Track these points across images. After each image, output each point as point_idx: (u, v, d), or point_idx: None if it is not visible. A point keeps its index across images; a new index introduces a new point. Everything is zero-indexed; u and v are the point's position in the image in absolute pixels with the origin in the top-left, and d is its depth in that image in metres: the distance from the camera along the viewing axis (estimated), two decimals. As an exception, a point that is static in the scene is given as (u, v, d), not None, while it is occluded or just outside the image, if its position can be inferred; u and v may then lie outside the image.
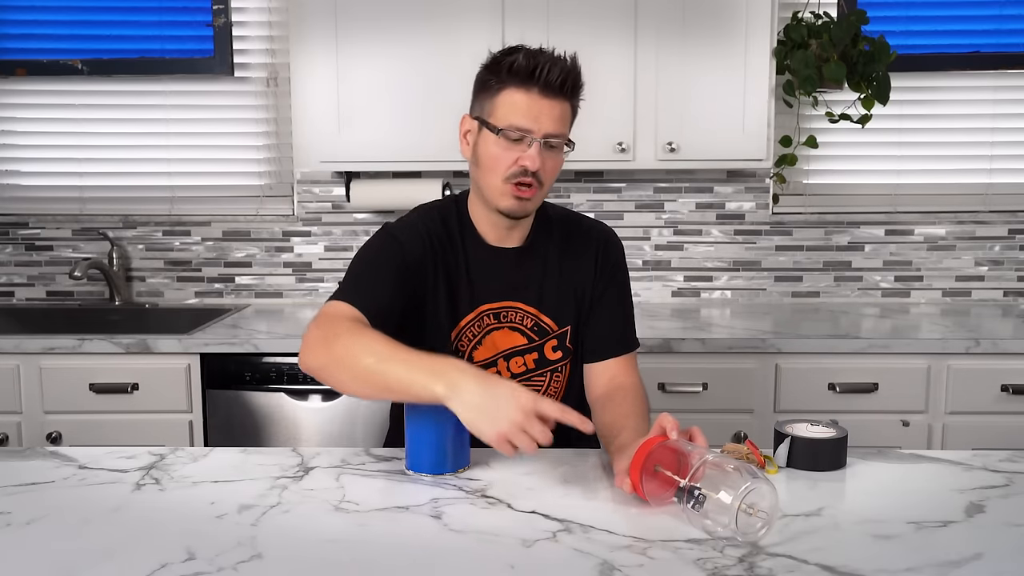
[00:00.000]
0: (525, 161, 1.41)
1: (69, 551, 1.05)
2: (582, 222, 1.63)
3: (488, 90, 1.44)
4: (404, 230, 1.51)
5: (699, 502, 1.04)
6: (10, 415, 2.33)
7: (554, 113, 1.41)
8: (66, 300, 2.94)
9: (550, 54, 1.41)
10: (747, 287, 2.89)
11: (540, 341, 1.55)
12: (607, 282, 1.58)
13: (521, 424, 1.13)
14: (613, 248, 1.61)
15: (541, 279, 1.55)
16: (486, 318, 1.53)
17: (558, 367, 1.56)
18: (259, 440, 2.33)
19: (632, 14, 2.43)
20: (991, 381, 2.29)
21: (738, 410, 2.31)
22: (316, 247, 2.90)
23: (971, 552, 1.03)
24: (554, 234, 1.58)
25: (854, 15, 2.57)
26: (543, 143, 1.41)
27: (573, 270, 1.57)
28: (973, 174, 2.86)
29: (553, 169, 1.46)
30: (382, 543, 1.07)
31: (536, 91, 1.39)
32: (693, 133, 2.47)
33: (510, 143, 1.42)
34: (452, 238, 1.53)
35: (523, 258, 1.55)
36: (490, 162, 1.44)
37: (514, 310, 1.54)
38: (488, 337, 1.53)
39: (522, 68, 1.39)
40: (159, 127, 2.90)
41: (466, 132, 1.50)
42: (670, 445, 1.17)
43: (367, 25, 2.45)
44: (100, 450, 1.40)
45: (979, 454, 1.38)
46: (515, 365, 1.55)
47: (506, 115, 1.41)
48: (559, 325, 1.55)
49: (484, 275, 1.53)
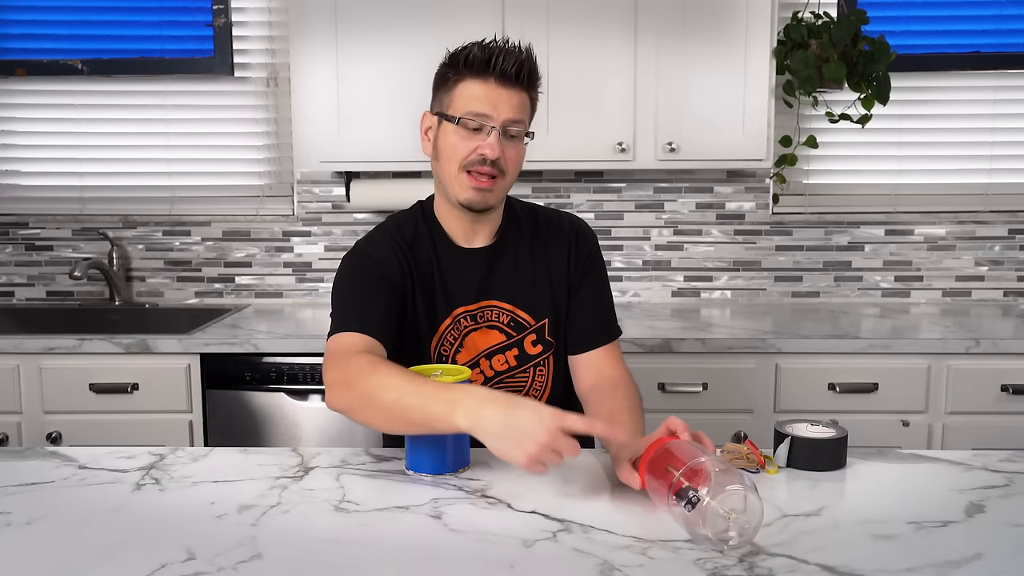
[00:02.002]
0: (484, 149, 1.42)
1: (69, 551, 1.04)
2: (551, 215, 1.63)
3: (446, 83, 1.46)
4: (374, 246, 1.52)
5: (691, 503, 1.03)
6: (10, 415, 2.33)
7: (512, 101, 1.43)
8: (66, 300, 2.94)
9: (504, 45, 1.43)
10: (747, 287, 2.89)
11: (518, 336, 1.55)
12: (583, 272, 1.58)
13: (549, 444, 1.11)
14: (585, 238, 1.61)
15: (513, 275, 1.55)
16: (463, 320, 1.53)
17: (540, 362, 1.56)
18: (259, 440, 2.33)
19: (632, 14, 2.43)
20: (991, 381, 2.29)
21: (738, 410, 2.31)
22: (316, 247, 2.90)
23: (971, 552, 1.03)
24: (523, 229, 1.58)
25: (854, 15, 2.57)
26: (502, 131, 1.42)
27: (545, 262, 1.57)
28: (973, 174, 2.87)
29: (514, 159, 1.46)
30: (382, 543, 1.07)
31: (493, 80, 1.41)
32: (693, 133, 2.47)
33: (469, 132, 1.43)
34: (422, 245, 1.53)
35: (494, 256, 1.55)
36: (449, 151, 1.45)
37: (489, 309, 1.54)
38: (468, 339, 1.53)
39: (478, 59, 1.41)
40: (159, 127, 2.90)
41: (427, 129, 1.51)
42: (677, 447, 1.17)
43: (367, 25, 2.46)
44: (100, 450, 1.40)
45: (979, 454, 1.37)
46: (497, 363, 1.55)
47: (464, 104, 1.43)
48: (536, 319, 1.55)
49: (457, 278, 1.53)
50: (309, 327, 2.54)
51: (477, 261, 1.54)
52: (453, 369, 1.34)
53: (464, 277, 1.53)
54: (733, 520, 1.01)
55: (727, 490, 1.02)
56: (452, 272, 1.54)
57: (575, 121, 2.46)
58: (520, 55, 1.43)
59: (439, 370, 1.33)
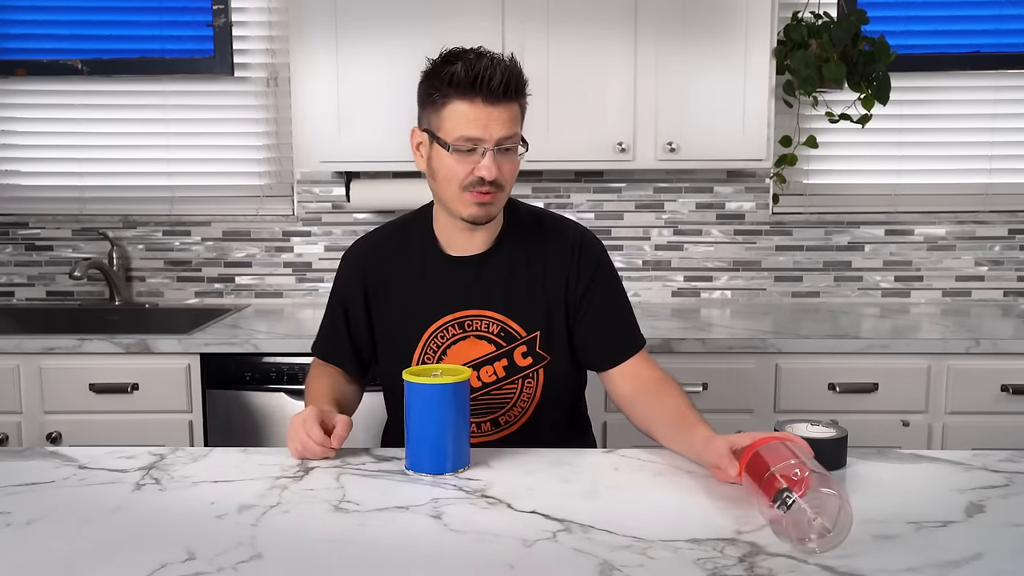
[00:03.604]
0: (481, 172, 1.40)
1: (69, 551, 1.04)
2: (555, 222, 1.59)
3: (433, 104, 1.43)
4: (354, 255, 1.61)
5: (786, 505, 1.02)
6: (10, 415, 2.33)
7: (503, 117, 1.40)
8: (66, 300, 2.94)
9: (488, 59, 1.39)
10: (747, 287, 2.89)
11: (508, 347, 1.52)
12: (589, 283, 1.54)
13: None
14: (590, 247, 1.56)
15: (507, 283, 1.52)
16: (450, 328, 1.51)
17: (529, 373, 1.53)
18: (259, 440, 2.33)
19: (632, 14, 2.43)
20: (991, 381, 2.29)
21: (738, 410, 2.31)
22: (316, 247, 2.90)
23: (971, 552, 1.03)
24: (523, 235, 1.55)
25: (854, 15, 2.57)
26: (496, 150, 1.40)
27: (543, 272, 1.53)
28: (973, 174, 2.86)
29: (510, 171, 1.45)
30: (382, 543, 1.07)
31: (480, 100, 1.38)
32: (693, 133, 2.47)
33: (463, 155, 1.41)
34: (411, 251, 1.55)
35: (487, 264, 1.53)
36: (446, 173, 1.44)
37: (479, 318, 1.51)
38: (453, 348, 1.51)
39: (462, 79, 1.37)
40: (159, 127, 2.90)
41: (418, 144, 1.49)
42: (779, 448, 1.14)
43: (367, 25, 2.45)
44: (100, 450, 1.40)
45: (979, 454, 1.37)
46: (485, 375, 1.52)
47: (454, 127, 1.40)
48: (527, 331, 1.52)
49: (443, 286, 1.52)
50: (309, 327, 2.53)
51: (467, 269, 1.52)
52: (452, 368, 1.34)
53: (452, 285, 1.52)
54: (817, 524, 1.01)
55: (822, 494, 1.01)
56: (439, 280, 1.52)
57: (575, 121, 2.45)
58: (505, 67, 1.39)
59: (439, 370, 1.33)
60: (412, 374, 1.30)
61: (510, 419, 1.55)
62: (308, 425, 1.35)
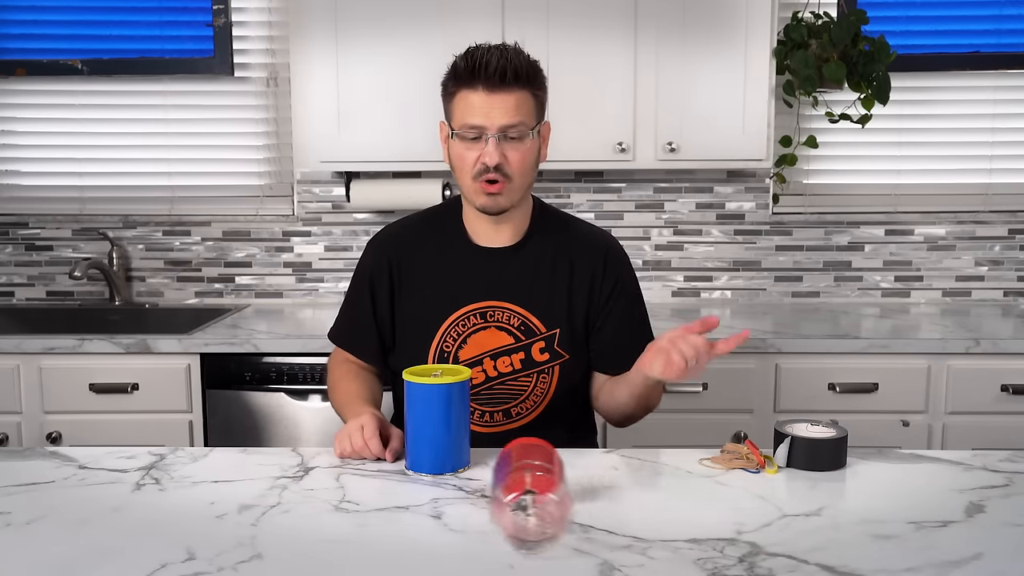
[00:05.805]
0: (484, 158, 1.44)
1: (69, 551, 1.05)
2: (584, 228, 1.64)
3: (447, 96, 1.50)
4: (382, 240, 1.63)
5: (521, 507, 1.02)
6: (10, 415, 2.33)
7: (505, 105, 1.43)
8: (66, 300, 2.94)
9: (488, 49, 1.44)
10: (747, 287, 2.89)
11: (527, 341, 1.54)
12: (610, 295, 1.57)
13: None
14: (617, 259, 1.61)
15: (532, 278, 1.56)
16: (472, 318, 1.54)
17: (544, 369, 1.56)
18: (259, 440, 2.33)
19: (632, 14, 2.43)
20: (991, 381, 2.29)
21: (738, 410, 2.31)
22: (316, 247, 2.90)
23: (971, 552, 1.03)
24: (551, 235, 1.59)
25: (854, 15, 2.57)
26: (500, 136, 1.44)
27: (569, 273, 1.56)
28: (973, 174, 2.86)
29: (519, 161, 1.47)
30: (382, 543, 1.07)
31: (481, 88, 1.43)
32: (693, 133, 2.47)
33: (469, 142, 1.46)
34: (440, 239, 1.58)
35: (514, 257, 1.56)
36: (458, 162, 1.50)
37: (501, 309, 1.54)
38: (473, 337, 1.54)
39: (462, 69, 1.44)
40: (159, 127, 2.90)
41: (445, 138, 1.54)
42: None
43: (367, 25, 2.45)
44: (100, 450, 1.40)
45: (979, 454, 1.38)
46: (502, 365, 1.55)
47: (461, 116, 1.46)
48: (547, 327, 1.55)
49: (469, 275, 1.55)
50: (309, 327, 2.54)
51: (495, 260, 1.55)
52: (452, 369, 1.34)
53: (478, 274, 1.55)
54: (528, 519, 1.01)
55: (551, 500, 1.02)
56: (465, 269, 1.55)
57: (575, 121, 2.45)
58: (505, 54, 1.43)
59: (439, 370, 1.33)
60: (412, 374, 1.30)
61: (522, 411, 1.57)
62: (368, 434, 1.34)
